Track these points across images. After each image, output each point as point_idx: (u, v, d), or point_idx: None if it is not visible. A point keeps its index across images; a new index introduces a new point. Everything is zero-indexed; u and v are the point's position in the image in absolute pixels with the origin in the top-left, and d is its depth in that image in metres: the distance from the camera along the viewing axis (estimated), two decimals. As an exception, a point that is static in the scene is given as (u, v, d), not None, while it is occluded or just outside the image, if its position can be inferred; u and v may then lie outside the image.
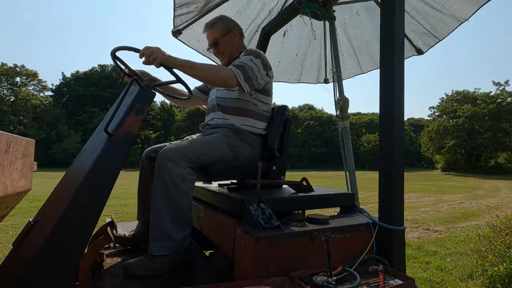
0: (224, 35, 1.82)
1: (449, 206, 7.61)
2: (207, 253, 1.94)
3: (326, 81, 3.30)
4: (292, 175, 2.07)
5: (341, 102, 1.96)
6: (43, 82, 37.97)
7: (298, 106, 55.76)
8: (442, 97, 38.49)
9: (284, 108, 1.87)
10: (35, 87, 37.65)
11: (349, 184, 1.87)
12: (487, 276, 2.51)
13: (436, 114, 37.78)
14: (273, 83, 1.89)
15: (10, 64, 35.35)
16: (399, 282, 1.12)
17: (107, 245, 1.66)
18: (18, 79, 35.83)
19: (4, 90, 34.54)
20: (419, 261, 3.37)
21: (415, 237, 4.56)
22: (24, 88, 35.94)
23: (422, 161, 45.52)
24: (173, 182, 1.37)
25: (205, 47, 2.91)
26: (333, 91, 2.01)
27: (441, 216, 6.18)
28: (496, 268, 2.41)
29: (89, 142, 1.28)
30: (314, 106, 56.53)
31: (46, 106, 36.43)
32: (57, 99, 39.52)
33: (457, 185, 14.73)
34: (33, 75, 36.84)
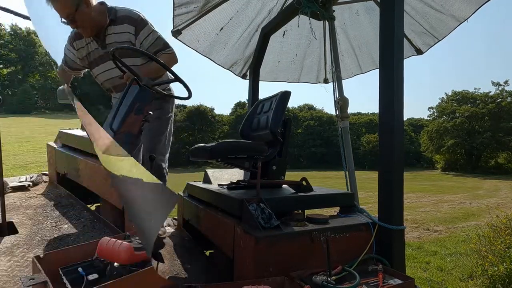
0: (76, 10, 1.61)
1: (449, 206, 7.61)
2: (207, 253, 1.94)
3: (325, 81, 3.30)
4: (292, 175, 2.07)
5: (341, 102, 1.96)
6: (43, 81, 38.00)
7: (298, 106, 55.54)
8: (442, 97, 38.48)
9: (287, 93, 1.84)
10: (37, 86, 37.66)
11: (348, 184, 1.87)
12: (487, 276, 2.51)
13: (435, 114, 37.74)
14: (273, 83, 1.91)
15: (10, 65, 35.41)
16: (398, 281, 1.12)
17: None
18: (19, 78, 35.84)
19: (5, 90, 34.55)
20: (419, 261, 3.37)
21: (415, 237, 4.56)
22: (24, 88, 35.92)
23: (422, 161, 45.40)
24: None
25: (205, 47, 2.92)
26: (332, 91, 2.01)
27: (441, 216, 6.18)
28: (496, 268, 2.41)
29: (89, 142, 1.28)
30: (314, 106, 56.33)
31: (47, 105, 36.45)
32: (58, 98, 39.56)
33: (457, 185, 14.72)
34: (34, 75, 36.84)
